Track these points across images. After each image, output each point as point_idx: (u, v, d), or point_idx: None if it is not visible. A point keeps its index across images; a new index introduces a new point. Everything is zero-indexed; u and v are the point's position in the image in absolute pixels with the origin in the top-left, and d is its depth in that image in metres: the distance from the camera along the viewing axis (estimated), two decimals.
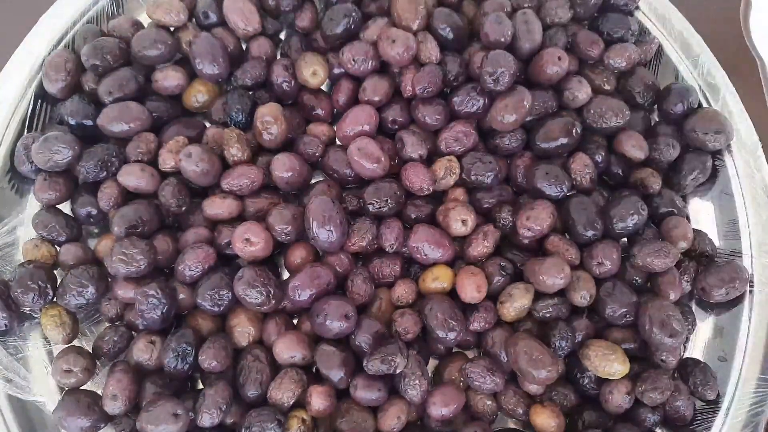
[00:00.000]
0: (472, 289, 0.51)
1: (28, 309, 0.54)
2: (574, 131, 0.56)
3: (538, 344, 0.49)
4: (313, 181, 0.59)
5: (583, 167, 0.56)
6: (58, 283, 0.53)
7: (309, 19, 0.62)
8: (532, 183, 0.55)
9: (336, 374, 0.49)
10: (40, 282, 0.52)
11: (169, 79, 0.58)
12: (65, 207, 0.58)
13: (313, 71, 0.58)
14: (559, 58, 0.56)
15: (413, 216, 0.56)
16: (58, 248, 0.55)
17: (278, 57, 0.63)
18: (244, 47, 0.63)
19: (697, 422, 0.53)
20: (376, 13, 0.61)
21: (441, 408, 0.49)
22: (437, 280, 0.53)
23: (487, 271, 0.53)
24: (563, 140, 0.56)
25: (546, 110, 0.58)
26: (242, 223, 0.52)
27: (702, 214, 0.60)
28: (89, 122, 0.57)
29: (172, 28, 0.61)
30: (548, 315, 0.52)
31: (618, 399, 0.51)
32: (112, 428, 0.51)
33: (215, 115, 0.59)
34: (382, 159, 0.55)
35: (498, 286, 0.53)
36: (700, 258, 0.56)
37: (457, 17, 0.59)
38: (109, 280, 0.54)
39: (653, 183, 0.57)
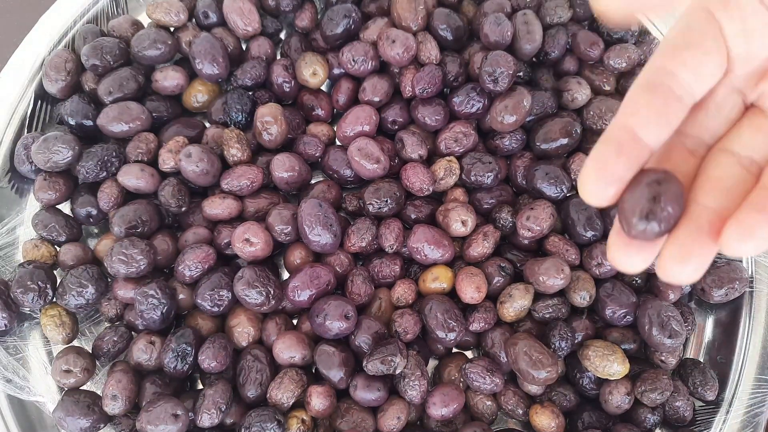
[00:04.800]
0: (471, 290, 0.51)
1: (27, 309, 0.54)
2: (573, 132, 0.56)
3: (538, 345, 0.49)
4: (313, 181, 0.59)
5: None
6: (58, 283, 0.53)
7: (309, 19, 0.62)
8: (532, 183, 0.55)
9: (336, 374, 0.49)
10: (39, 282, 0.52)
11: (169, 79, 0.58)
12: (65, 207, 0.58)
13: (312, 71, 0.58)
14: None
15: (413, 216, 0.56)
16: (58, 248, 0.55)
17: (278, 57, 0.63)
18: (244, 47, 0.63)
19: (697, 423, 0.53)
20: (376, 13, 0.61)
21: (441, 408, 0.49)
22: (437, 280, 0.53)
23: (486, 271, 0.53)
24: (563, 141, 0.56)
25: (546, 111, 0.58)
26: (242, 223, 0.52)
27: None
28: (89, 122, 0.57)
29: (171, 28, 0.61)
30: (548, 315, 0.52)
31: (617, 399, 0.51)
32: (111, 428, 0.51)
33: (215, 115, 0.59)
34: (382, 159, 0.55)
35: (498, 286, 0.53)
36: None
37: (456, 17, 0.59)
38: (109, 280, 0.54)
39: None
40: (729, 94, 0.29)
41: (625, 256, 0.27)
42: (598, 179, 0.25)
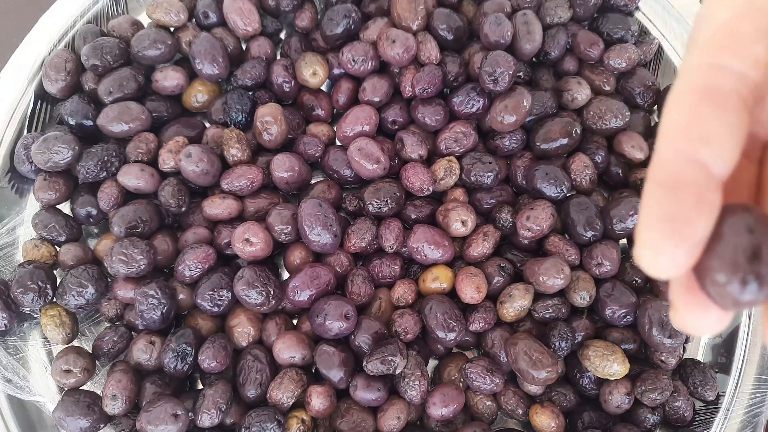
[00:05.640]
0: (471, 290, 0.51)
1: (27, 309, 0.54)
2: (573, 132, 0.56)
3: (538, 345, 0.49)
4: (313, 181, 0.59)
5: (582, 168, 0.56)
6: (58, 283, 0.53)
7: (309, 19, 0.62)
8: (532, 183, 0.55)
9: (336, 374, 0.49)
10: (39, 282, 0.52)
11: (168, 79, 0.58)
12: (65, 207, 0.57)
13: (312, 71, 0.58)
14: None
15: (413, 216, 0.56)
16: (58, 248, 0.55)
17: (278, 57, 0.63)
18: (244, 47, 0.63)
19: (697, 423, 0.53)
20: (376, 14, 0.61)
21: (441, 408, 0.49)
22: (437, 280, 0.53)
23: (486, 271, 0.53)
24: (563, 141, 0.56)
25: (546, 111, 0.58)
26: (242, 223, 0.52)
27: None
28: (89, 122, 0.57)
29: (171, 28, 0.61)
30: (548, 315, 0.52)
31: (617, 399, 0.51)
32: (111, 428, 0.51)
33: (215, 115, 0.59)
34: (382, 159, 0.55)
35: (498, 286, 0.53)
36: None
37: (456, 17, 0.59)
38: (109, 280, 0.54)
39: None
40: None
41: (698, 319, 0.20)
42: (679, 246, 0.18)
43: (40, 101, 0.59)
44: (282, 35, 0.65)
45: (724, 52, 0.19)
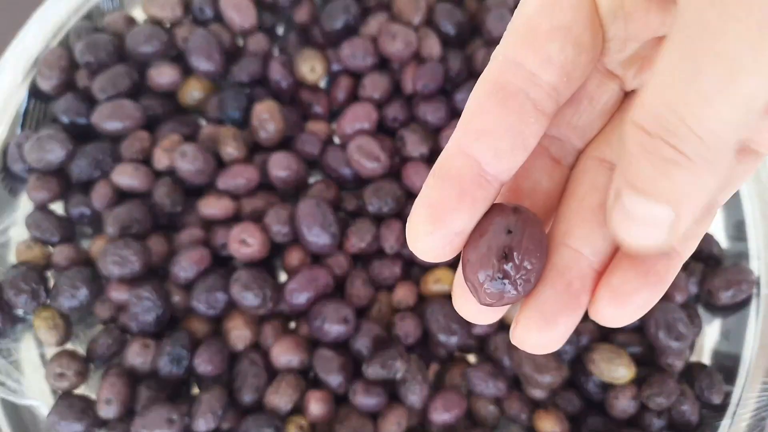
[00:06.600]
0: None
1: (20, 311, 0.53)
2: None
3: None
4: (311, 180, 0.58)
5: None
6: (52, 284, 0.52)
7: (307, 14, 0.61)
8: None
9: (335, 379, 0.48)
10: (32, 283, 0.51)
11: (163, 75, 0.57)
12: (59, 207, 0.57)
13: (311, 67, 0.57)
14: None
15: None
16: (51, 249, 0.54)
17: (276, 53, 0.62)
18: (240, 43, 0.62)
19: (703, 426, 0.52)
20: (376, 8, 0.60)
21: (442, 413, 0.48)
22: (439, 282, 0.52)
23: None
24: None
25: None
26: (238, 224, 0.51)
27: None
28: (83, 120, 0.56)
29: (167, 24, 0.60)
30: None
31: (623, 404, 0.50)
32: None
33: (211, 112, 0.58)
34: (382, 157, 0.54)
35: None
36: (707, 260, 0.56)
37: (459, 13, 0.58)
38: (103, 281, 0.53)
39: None
40: (604, 80, 0.22)
41: (475, 308, 0.21)
42: (436, 233, 0.19)
43: (33, 99, 0.58)
44: (280, 31, 0.64)
45: (519, 48, 0.19)
